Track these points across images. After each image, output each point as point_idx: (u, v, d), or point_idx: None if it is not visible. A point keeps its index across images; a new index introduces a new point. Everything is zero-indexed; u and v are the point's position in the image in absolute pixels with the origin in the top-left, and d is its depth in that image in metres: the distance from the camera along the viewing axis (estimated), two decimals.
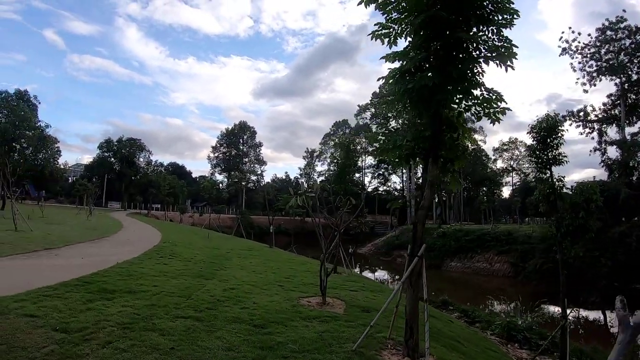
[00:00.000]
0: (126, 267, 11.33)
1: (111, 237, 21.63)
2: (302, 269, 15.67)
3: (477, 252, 44.13)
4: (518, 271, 38.70)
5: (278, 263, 16.60)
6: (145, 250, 16.24)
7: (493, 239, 43.76)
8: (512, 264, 39.82)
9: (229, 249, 20.60)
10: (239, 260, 16.33)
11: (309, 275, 13.66)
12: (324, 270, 9.28)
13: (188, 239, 24.94)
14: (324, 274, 9.26)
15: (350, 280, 13.53)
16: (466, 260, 44.57)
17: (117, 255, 13.88)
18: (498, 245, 42.79)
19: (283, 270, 14.36)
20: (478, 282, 37.63)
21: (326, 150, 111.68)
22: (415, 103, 6.64)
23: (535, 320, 16.43)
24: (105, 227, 28.78)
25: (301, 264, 17.47)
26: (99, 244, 17.95)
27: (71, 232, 21.89)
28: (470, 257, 44.46)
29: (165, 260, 13.91)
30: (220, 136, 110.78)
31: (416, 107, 6.72)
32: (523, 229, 45.42)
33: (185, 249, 18.43)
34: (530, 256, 38.38)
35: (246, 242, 28.27)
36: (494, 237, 44.08)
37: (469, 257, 44.57)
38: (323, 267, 9.32)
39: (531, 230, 42.53)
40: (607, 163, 48.39)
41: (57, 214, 39.33)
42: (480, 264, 42.41)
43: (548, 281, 33.92)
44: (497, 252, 42.16)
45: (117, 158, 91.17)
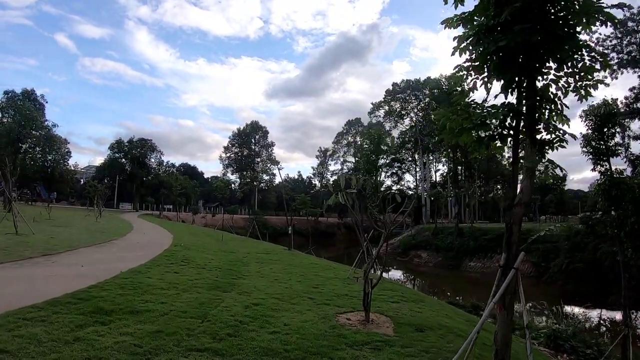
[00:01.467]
0: (130, 278, 9.77)
1: (119, 241, 20.18)
2: (329, 275, 14.09)
3: (496, 251, 42.37)
4: (540, 271, 37.76)
5: (301, 269, 14.97)
6: (155, 255, 14.71)
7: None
8: (533, 263, 38.74)
9: (246, 252, 19.01)
10: (258, 266, 14.74)
11: (338, 284, 12.17)
12: (368, 282, 7.68)
13: (201, 241, 23.40)
14: (369, 287, 7.66)
15: (386, 289, 11.86)
16: (486, 260, 43.66)
17: (123, 262, 12.39)
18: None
19: (308, 278, 12.75)
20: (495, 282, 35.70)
21: (339, 150, 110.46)
22: (502, 69, 4.99)
23: (577, 326, 15.07)
24: (114, 229, 27.39)
25: (326, 268, 15.83)
26: (104, 248, 16.45)
27: (76, 235, 20.50)
28: (490, 257, 43.25)
29: (176, 267, 12.35)
30: (232, 136, 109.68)
31: (503, 73, 5.05)
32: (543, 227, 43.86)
33: (199, 253, 16.88)
34: (552, 255, 37.52)
35: (262, 244, 26.67)
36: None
37: (489, 256, 43.45)
38: (367, 277, 7.72)
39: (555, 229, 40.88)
40: (630, 159, 46.39)
41: (66, 216, 38.09)
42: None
43: (575, 282, 32.66)
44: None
45: (128, 159, 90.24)
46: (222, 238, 26.14)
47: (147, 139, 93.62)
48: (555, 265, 36.09)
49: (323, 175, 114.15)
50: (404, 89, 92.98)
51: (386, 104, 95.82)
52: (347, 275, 14.02)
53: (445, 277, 41.66)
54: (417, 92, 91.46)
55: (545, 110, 5.24)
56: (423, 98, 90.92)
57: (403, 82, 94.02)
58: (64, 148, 74.49)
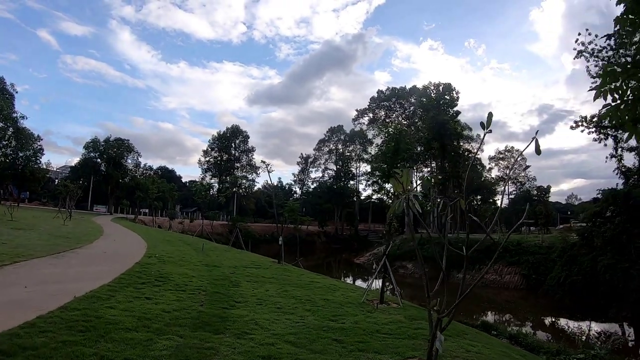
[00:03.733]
0: (85, 309, 7.14)
1: (83, 249, 17.26)
2: (339, 298, 11.72)
3: (484, 263, 40.58)
4: (530, 283, 37.02)
5: (303, 290, 12.45)
6: (123, 270, 11.97)
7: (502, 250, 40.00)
8: (523, 275, 38.24)
9: (232, 266, 16.34)
10: (250, 286, 12.14)
11: (357, 311, 9.91)
12: (437, 326, 5.18)
13: (179, 251, 20.58)
14: (436, 328, 5.15)
15: (426, 320, 9.39)
16: (474, 272, 41.39)
17: (81, 281, 9.74)
18: (507, 256, 40.68)
19: (318, 304, 10.33)
20: (489, 295, 35.21)
21: (321, 157, 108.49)
22: None
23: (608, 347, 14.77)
24: (81, 234, 24.41)
25: (331, 289, 13.33)
26: (63, 259, 13.56)
27: (34, 241, 17.56)
28: (479, 268, 41.20)
29: (149, 289, 9.69)
30: (211, 140, 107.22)
31: None
32: (531, 239, 44.16)
33: (177, 267, 14.17)
34: (542, 268, 36.91)
35: (248, 255, 23.91)
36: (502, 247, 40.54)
37: (477, 268, 41.39)
38: (432, 319, 5.25)
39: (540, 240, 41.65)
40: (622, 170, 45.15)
41: (31, 217, 34.91)
42: (489, 276, 39.78)
43: (572, 295, 31.45)
44: (507, 263, 40.39)
45: (103, 159, 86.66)
46: (203, 247, 23.35)
47: (124, 139, 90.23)
48: (552, 278, 34.74)
49: (304, 182, 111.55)
50: (389, 96, 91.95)
51: (371, 112, 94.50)
52: (361, 299, 11.74)
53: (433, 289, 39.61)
54: (402, 100, 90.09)
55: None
56: (408, 107, 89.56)
57: (388, 90, 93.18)
58: (36, 145, 70.45)
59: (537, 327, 25.66)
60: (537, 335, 19.66)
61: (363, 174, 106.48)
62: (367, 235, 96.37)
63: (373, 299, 12.13)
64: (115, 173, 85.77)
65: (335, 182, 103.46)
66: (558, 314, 29.18)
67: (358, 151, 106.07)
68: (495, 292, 36.47)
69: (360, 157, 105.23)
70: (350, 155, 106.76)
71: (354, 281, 39.28)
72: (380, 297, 12.07)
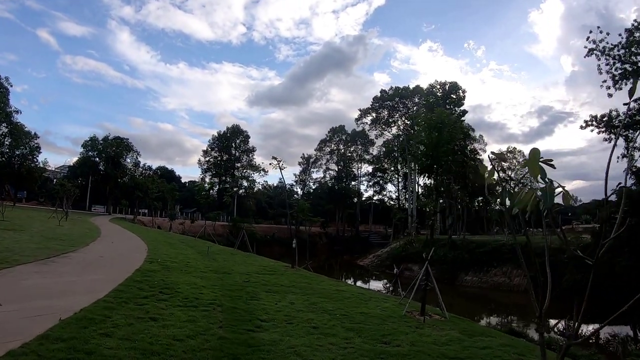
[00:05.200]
0: (72, 339, 5.42)
1: (78, 252, 15.46)
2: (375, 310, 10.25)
3: (493, 265, 40.15)
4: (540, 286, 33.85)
5: (332, 301, 10.82)
6: (121, 279, 10.26)
7: (510, 251, 39.47)
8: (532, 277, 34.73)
9: (244, 273, 14.63)
10: (271, 297, 10.45)
11: (405, 328, 8.57)
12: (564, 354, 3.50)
13: (182, 255, 18.83)
14: None
15: (485, 335, 7.76)
16: (482, 274, 40.72)
17: (70, 295, 8.10)
18: (515, 258, 38.02)
19: (356, 320, 8.82)
20: (499, 299, 33.88)
21: (322, 157, 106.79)
22: None
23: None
24: (76, 235, 22.62)
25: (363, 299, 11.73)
26: (52, 266, 11.78)
27: (23, 243, 15.80)
28: (487, 270, 40.49)
29: (153, 305, 7.97)
30: (211, 140, 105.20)
31: None
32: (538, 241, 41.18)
33: (183, 275, 12.46)
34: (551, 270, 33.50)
35: (257, 259, 22.14)
36: (510, 249, 39.77)
37: (485, 270, 40.63)
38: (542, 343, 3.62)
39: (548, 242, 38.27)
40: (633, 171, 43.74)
41: (25, 217, 33.23)
42: (498, 279, 38.42)
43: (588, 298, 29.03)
44: (515, 265, 38.09)
45: (102, 158, 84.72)
46: (208, 251, 21.60)
47: (123, 138, 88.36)
48: (567, 281, 32.30)
49: (305, 182, 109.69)
50: (392, 96, 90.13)
51: (374, 111, 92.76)
52: (402, 312, 10.31)
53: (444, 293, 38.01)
54: (406, 100, 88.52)
55: None
56: (412, 106, 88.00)
57: (391, 90, 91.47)
58: (32, 143, 68.58)
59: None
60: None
61: (364, 174, 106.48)
62: (369, 237, 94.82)
63: (412, 311, 10.74)
64: (114, 172, 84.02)
65: (336, 183, 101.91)
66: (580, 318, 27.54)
67: (359, 151, 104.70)
68: (504, 295, 35.11)
69: (362, 158, 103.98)
70: (351, 156, 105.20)
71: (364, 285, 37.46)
72: (422, 309, 10.64)
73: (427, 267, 11.19)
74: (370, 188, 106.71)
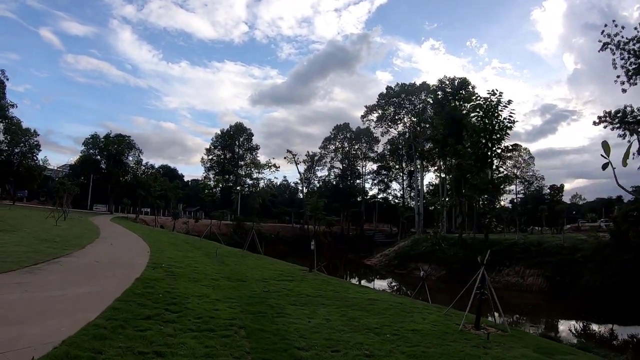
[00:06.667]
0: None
1: (71, 257, 13.60)
2: (425, 325, 8.77)
3: (505, 264, 38.95)
4: (554, 285, 34.16)
5: (372, 315, 9.23)
6: (120, 291, 8.51)
7: (522, 251, 39.12)
8: (547, 277, 35.29)
9: (260, 279, 12.85)
10: (300, 312, 8.74)
11: (470, 348, 7.29)
12: None
13: (189, 258, 17.03)
14: None
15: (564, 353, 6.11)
16: (494, 274, 38.82)
17: (53, 316, 6.36)
18: (528, 257, 38.10)
19: (411, 340, 7.43)
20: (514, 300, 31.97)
21: (326, 155, 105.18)
22: None
23: None
24: (72, 236, 20.83)
25: (404, 310, 10.04)
26: (39, 274, 9.86)
27: (11, 247, 13.97)
28: (499, 270, 39.06)
29: (158, 331, 6.19)
30: (214, 138, 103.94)
31: None
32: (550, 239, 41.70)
33: (192, 283, 10.69)
34: (566, 269, 34.29)
35: (269, 261, 20.37)
36: (522, 248, 39.40)
37: (497, 270, 39.07)
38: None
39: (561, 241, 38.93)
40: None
41: (21, 216, 31.50)
42: (510, 278, 37.32)
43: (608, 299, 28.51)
44: (528, 264, 37.55)
45: (103, 156, 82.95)
46: (217, 253, 19.80)
47: (125, 135, 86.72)
48: (587, 281, 31.89)
49: (310, 180, 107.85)
50: (398, 93, 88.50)
51: (380, 108, 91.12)
52: (459, 327, 8.91)
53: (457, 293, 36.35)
54: (412, 96, 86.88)
55: None
56: (418, 103, 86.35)
57: (397, 86, 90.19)
58: (32, 140, 66.82)
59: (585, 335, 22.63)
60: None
61: (369, 172, 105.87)
62: (373, 236, 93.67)
63: (466, 324, 9.29)
64: (115, 171, 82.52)
65: (341, 181, 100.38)
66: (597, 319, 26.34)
67: (364, 149, 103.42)
68: (517, 295, 33.76)
69: (367, 156, 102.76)
70: (356, 154, 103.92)
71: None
72: (476, 322, 9.41)
73: (484, 273, 9.79)
74: (375, 186, 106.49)
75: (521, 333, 9.93)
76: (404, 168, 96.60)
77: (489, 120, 10.30)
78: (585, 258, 34.27)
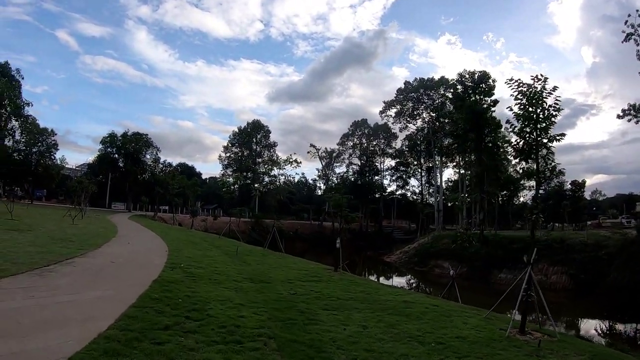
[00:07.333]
0: None
1: (86, 257, 12.89)
2: (473, 332, 7.92)
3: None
4: (579, 283, 33.42)
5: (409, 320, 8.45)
6: (135, 296, 7.75)
7: (545, 247, 37.09)
8: (571, 275, 34.48)
9: (285, 280, 12.05)
10: (332, 318, 7.92)
11: (524, 358, 5.83)
12: None
13: (209, 257, 16.32)
14: None
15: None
16: (517, 272, 37.61)
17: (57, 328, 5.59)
18: (551, 255, 36.91)
19: (460, 350, 6.67)
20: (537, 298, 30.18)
21: (344, 151, 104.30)
22: None
23: None
24: (89, 235, 20.22)
25: (443, 314, 9.23)
26: (49, 277, 9.10)
27: (23, 247, 13.30)
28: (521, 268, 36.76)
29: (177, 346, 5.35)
30: (232, 135, 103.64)
31: None
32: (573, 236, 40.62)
33: (213, 286, 9.92)
34: (590, 266, 33.90)
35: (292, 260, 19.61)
36: (545, 245, 37.37)
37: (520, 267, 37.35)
38: None
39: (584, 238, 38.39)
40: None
41: (38, 215, 31.13)
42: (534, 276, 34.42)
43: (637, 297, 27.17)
44: (551, 262, 36.60)
45: (121, 154, 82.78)
46: (237, 251, 19.06)
47: (143, 134, 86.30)
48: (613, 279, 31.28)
49: (328, 177, 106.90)
50: (416, 88, 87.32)
51: (398, 103, 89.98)
52: (506, 333, 8.10)
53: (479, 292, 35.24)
54: (430, 91, 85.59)
55: None
56: (437, 98, 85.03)
57: (416, 81, 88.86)
58: (49, 139, 66.84)
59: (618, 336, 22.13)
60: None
61: (387, 169, 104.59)
62: (392, 232, 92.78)
63: (511, 329, 8.45)
64: (133, 169, 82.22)
65: (359, 178, 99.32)
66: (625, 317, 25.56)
67: (382, 145, 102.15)
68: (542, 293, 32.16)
69: (385, 152, 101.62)
70: (374, 150, 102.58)
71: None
72: (521, 326, 8.68)
73: (531, 274, 9.17)
74: (393, 183, 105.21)
75: (571, 338, 9.14)
76: (422, 164, 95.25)
77: (533, 108, 9.37)
78: (610, 255, 33.62)
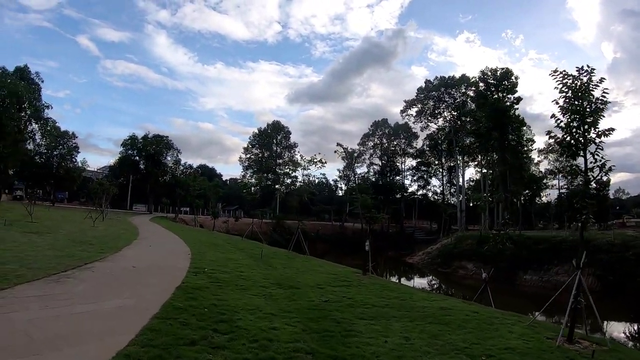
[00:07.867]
0: None
1: (106, 261, 12.39)
2: (521, 342, 7.25)
3: (554, 263, 37.22)
4: (606, 285, 31.92)
5: (451, 328, 7.76)
6: (158, 305, 7.15)
7: (571, 248, 35.16)
8: (597, 277, 32.95)
9: (315, 285, 11.37)
10: (370, 328, 7.24)
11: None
12: None
13: (232, 260, 15.71)
14: None
15: None
16: (542, 273, 37.93)
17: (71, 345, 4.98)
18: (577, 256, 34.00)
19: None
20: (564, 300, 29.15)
21: (365, 152, 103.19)
22: None
23: None
24: (109, 238, 19.82)
25: (485, 322, 8.52)
26: (66, 284, 8.59)
27: (43, 250, 12.91)
28: (547, 269, 37.74)
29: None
30: (252, 137, 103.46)
31: None
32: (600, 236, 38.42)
33: (240, 292, 9.29)
34: (618, 267, 32.71)
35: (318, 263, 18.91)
36: (571, 245, 35.69)
37: (546, 269, 37.87)
38: None
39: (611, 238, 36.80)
40: None
41: (59, 217, 31.02)
42: (560, 277, 34.58)
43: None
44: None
45: (142, 157, 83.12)
46: (262, 254, 18.43)
47: (163, 136, 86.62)
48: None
49: (349, 178, 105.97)
50: (437, 86, 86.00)
51: (419, 102, 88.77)
52: (557, 343, 7.55)
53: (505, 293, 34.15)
54: (451, 90, 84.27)
55: None
56: (458, 96, 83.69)
57: (436, 80, 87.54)
58: (70, 142, 67.28)
59: None
60: None
61: (408, 168, 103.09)
62: (413, 233, 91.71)
63: (557, 337, 7.91)
64: (154, 171, 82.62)
65: (380, 178, 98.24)
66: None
67: (403, 145, 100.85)
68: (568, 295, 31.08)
69: (406, 152, 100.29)
70: (395, 150, 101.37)
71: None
72: (569, 335, 8.07)
73: (580, 279, 8.49)
74: (415, 182, 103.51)
75: (622, 347, 8.45)
76: (443, 164, 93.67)
77: (579, 101, 8.56)
78: (638, 256, 32.65)
